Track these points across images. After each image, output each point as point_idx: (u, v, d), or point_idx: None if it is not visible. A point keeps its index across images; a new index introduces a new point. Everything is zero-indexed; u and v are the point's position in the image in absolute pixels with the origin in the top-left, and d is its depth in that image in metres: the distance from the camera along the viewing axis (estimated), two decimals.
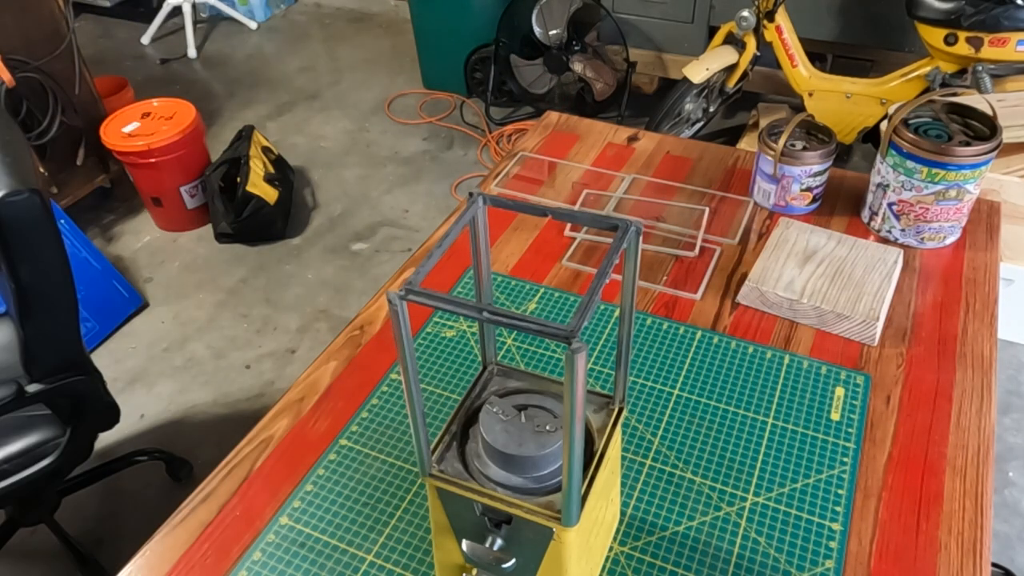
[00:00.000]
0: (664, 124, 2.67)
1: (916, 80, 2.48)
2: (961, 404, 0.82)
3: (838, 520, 0.71)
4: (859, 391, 0.84)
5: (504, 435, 0.56)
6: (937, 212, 0.99)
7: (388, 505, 0.74)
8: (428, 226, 2.67)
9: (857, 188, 1.13)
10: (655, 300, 0.97)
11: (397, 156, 3.04)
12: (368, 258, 2.54)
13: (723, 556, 0.69)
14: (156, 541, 0.73)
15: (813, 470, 0.76)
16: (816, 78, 2.62)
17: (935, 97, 1.04)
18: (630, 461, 0.77)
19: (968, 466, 0.76)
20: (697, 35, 2.96)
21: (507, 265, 1.03)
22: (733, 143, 2.91)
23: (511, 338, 0.92)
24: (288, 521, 0.73)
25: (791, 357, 0.88)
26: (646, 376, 0.86)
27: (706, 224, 1.08)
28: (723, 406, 0.82)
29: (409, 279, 0.48)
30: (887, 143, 1.00)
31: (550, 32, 2.98)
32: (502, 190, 1.19)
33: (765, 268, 0.96)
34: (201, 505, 0.75)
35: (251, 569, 0.69)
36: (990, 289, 0.97)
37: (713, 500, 0.73)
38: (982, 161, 0.96)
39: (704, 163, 1.22)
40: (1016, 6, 2.20)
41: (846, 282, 0.93)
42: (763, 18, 2.53)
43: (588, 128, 1.32)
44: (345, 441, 0.80)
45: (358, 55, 3.67)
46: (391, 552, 0.70)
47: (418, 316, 0.95)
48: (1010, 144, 1.79)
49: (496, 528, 0.57)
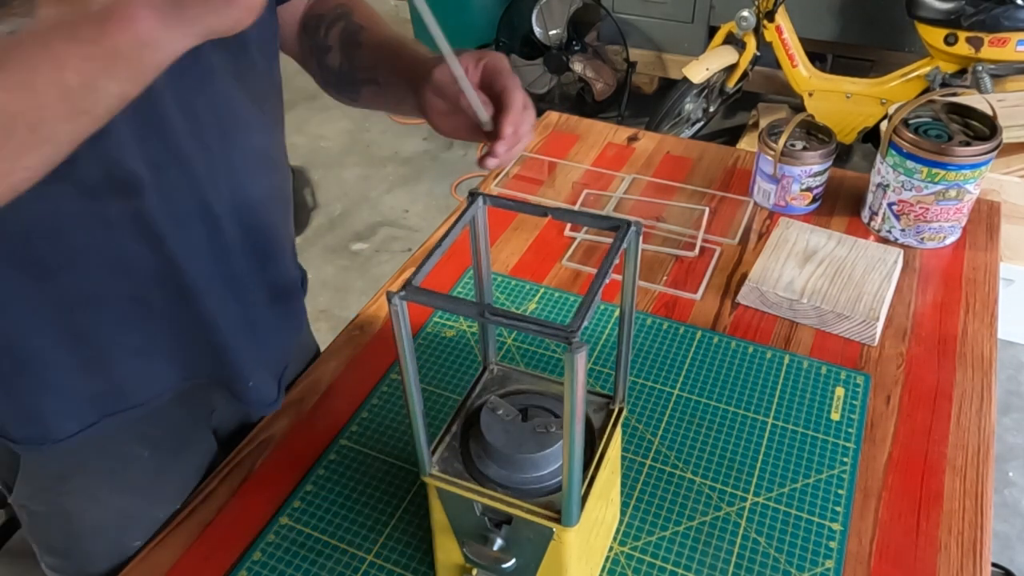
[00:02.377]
0: (664, 124, 2.67)
1: (916, 80, 2.48)
2: (961, 404, 0.82)
3: (838, 520, 0.71)
4: (859, 391, 0.84)
5: (504, 435, 0.56)
6: (937, 212, 0.99)
7: (388, 505, 0.74)
8: (428, 226, 2.67)
9: (857, 188, 1.13)
10: (655, 300, 0.97)
11: (397, 156, 3.05)
12: (368, 258, 2.55)
13: (723, 556, 0.69)
14: (156, 541, 0.73)
15: (813, 470, 0.76)
16: (816, 78, 2.62)
17: (935, 97, 1.04)
18: (630, 461, 0.77)
19: (968, 466, 0.76)
20: (697, 35, 2.96)
21: (507, 265, 1.03)
22: (733, 143, 2.91)
23: (511, 338, 0.92)
24: (288, 521, 0.73)
25: (791, 357, 0.88)
26: (646, 376, 0.86)
27: (706, 224, 1.08)
28: (723, 406, 0.82)
29: (409, 279, 0.48)
30: (887, 143, 1.00)
31: (550, 32, 2.98)
32: (502, 190, 1.19)
33: (765, 268, 0.96)
34: (201, 505, 0.75)
35: (251, 569, 0.69)
36: (990, 289, 0.97)
37: (713, 500, 0.73)
38: (982, 161, 0.96)
39: (704, 163, 1.22)
40: (1016, 6, 2.20)
41: (846, 282, 0.93)
42: (763, 18, 2.53)
43: (588, 128, 1.32)
44: (345, 441, 0.80)
45: None
46: (391, 552, 0.70)
47: (418, 316, 0.95)
48: (1010, 144, 1.79)
49: (496, 528, 0.57)
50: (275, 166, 0.76)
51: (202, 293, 0.68)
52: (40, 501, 0.77)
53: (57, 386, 0.67)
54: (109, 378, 0.69)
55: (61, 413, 0.68)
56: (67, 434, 0.69)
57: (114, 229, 0.60)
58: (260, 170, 0.72)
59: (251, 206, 0.71)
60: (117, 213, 0.60)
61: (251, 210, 0.71)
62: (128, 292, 0.65)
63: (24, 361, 0.64)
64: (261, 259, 0.75)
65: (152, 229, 0.62)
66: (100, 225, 0.60)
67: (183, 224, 0.64)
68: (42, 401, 0.67)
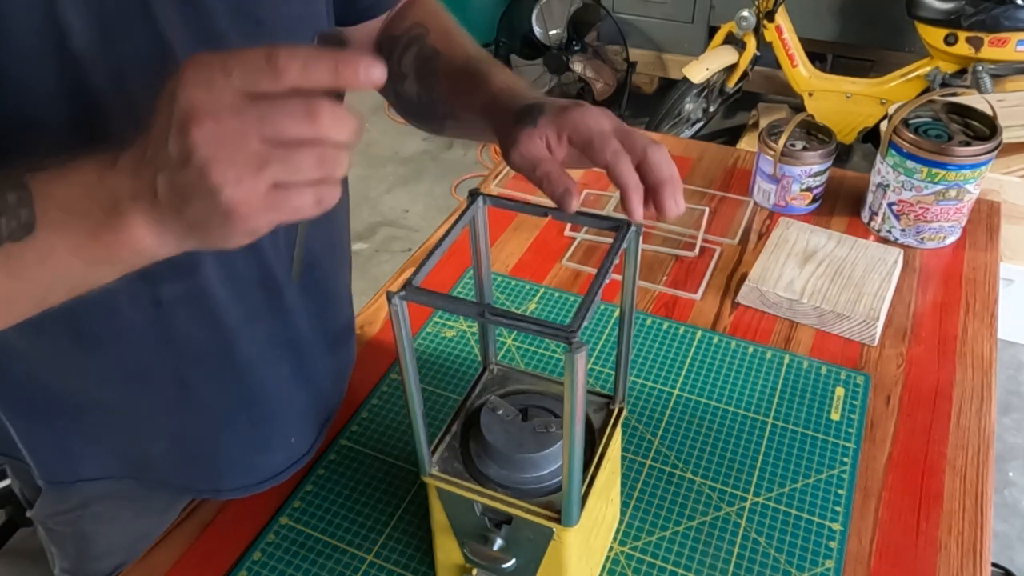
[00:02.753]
0: (664, 124, 2.67)
1: (916, 80, 2.48)
2: (961, 404, 0.82)
3: (838, 520, 0.71)
4: (859, 391, 0.84)
5: (504, 435, 0.56)
6: (937, 212, 0.99)
7: (388, 505, 0.74)
8: (428, 226, 2.67)
9: (857, 188, 1.13)
10: (655, 300, 0.97)
11: (397, 156, 3.05)
12: (368, 258, 2.54)
13: (723, 556, 0.69)
14: (156, 541, 0.73)
15: (813, 470, 0.76)
16: (816, 78, 2.62)
17: (935, 97, 1.04)
18: (630, 461, 0.77)
19: (968, 466, 0.76)
20: (697, 35, 2.96)
21: (507, 265, 1.03)
22: (733, 143, 2.91)
23: (511, 338, 0.92)
24: (288, 521, 0.73)
25: (791, 357, 0.88)
26: (646, 376, 0.86)
27: (706, 224, 1.08)
28: (723, 406, 0.82)
29: (409, 279, 0.48)
30: (887, 143, 1.00)
31: (550, 32, 2.98)
32: (502, 190, 1.19)
33: (765, 268, 0.96)
34: (201, 505, 0.75)
35: (251, 569, 0.69)
36: (990, 289, 0.97)
37: (713, 500, 0.73)
38: (982, 161, 0.96)
39: (704, 163, 1.22)
40: (1016, 6, 2.20)
41: (846, 282, 0.93)
42: (763, 18, 2.53)
43: None
44: (345, 441, 0.80)
45: None
46: (391, 552, 0.70)
47: (418, 316, 0.94)
48: (1010, 144, 1.79)
49: (496, 528, 0.57)
50: (332, 215, 0.74)
51: (255, 363, 0.66)
52: (59, 522, 0.77)
53: (92, 436, 0.67)
54: (142, 451, 0.69)
55: (93, 459, 0.69)
56: (93, 476, 0.70)
57: (164, 308, 0.59)
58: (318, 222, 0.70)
59: (310, 262, 0.68)
60: (169, 293, 0.58)
61: (310, 266, 0.68)
62: (172, 370, 0.63)
63: (65, 408, 0.64)
64: (320, 312, 0.71)
65: (207, 305, 0.60)
66: (151, 304, 0.58)
67: (242, 294, 0.62)
68: (75, 445, 0.67)
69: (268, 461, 0.73)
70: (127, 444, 0.68)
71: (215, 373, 0.65)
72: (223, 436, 0.69)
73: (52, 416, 0.65)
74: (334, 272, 0.74)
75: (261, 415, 0.69)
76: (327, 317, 0.74)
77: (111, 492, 0.74)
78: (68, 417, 0.65)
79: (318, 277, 0.70)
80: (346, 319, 0.80)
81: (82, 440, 0.67)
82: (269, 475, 0.73)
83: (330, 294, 0.74)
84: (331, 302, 0.74)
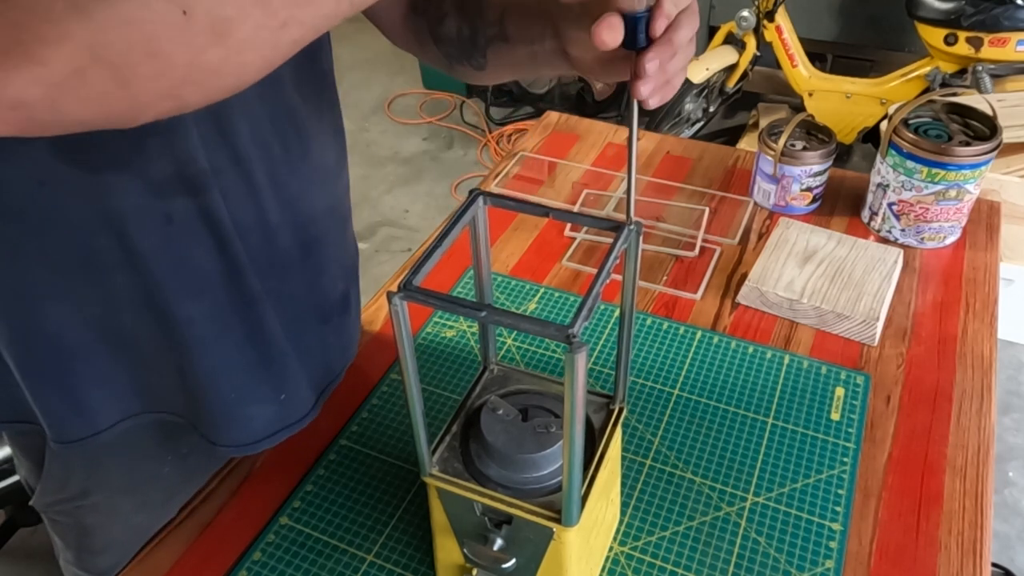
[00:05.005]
0: (664, 124, 2.67)
1: (916, 80, 2.49)
2: (961, 404, 0.82)
3: (838, 520, 0.71)
4: (859, 391, 0.84)
5: (504, 435, 0.56)
6: (937, 212, 0.99)
7: (388, 505, 0.74)
8: (428, 226, 2.67)
9: (857, 188, 1.13)
10: (655, 300, 0.97)
11: (397, 156, 3.05)
12: (368, 258, 2.54)
13: (723, 556, 0.69)
14: (156, 541, 0.73)
15: (813, 470, 0.76)
16: (816, 78, 2.62)
17: (935, 97, 1.04)
18: (630, 461, 0.77)
19: (968, 466, 0.76)
20: (697, 35, 2.96)
21: (507, 265, 1.03)
22: (733, 143, 2.91)
23: (511, 338, 0.92)
24: (288, 521, 0.73)
25: (791, 357, 0.88)
26: (646, 376, 0.86)
27: (706, 224, 1.08)
28: (723, 406, 0.82)
29: (409, 279, 0.48)
30: (887, 143, 1.00)
31: None
32: (502, 190, 1.19)
33: (765, 268, 0.96)
34: (201, 505, 0.75)
35: (251, 569, 0.69)
36: (990, 289, 0.97)
37: (713, 500, 0.73)
38: (982, 161, 0.96)
39: (704, 163, 1.22)
40: (1016, 6, 2.20)
41: (846, 282, 0.93)
42: (763, 18, 2.53)
43: (588, 128, 1.32)
44: (345, 441, 0.80)
45: (358, 55, 3.67)
46: (391, 552, 0.70)
47: (418, 316, 0.94)
48: (1010, 144, 1.79)
49: (496, 528, 0.57)
50: (333, 180, 0.74)
51: (255, 300, 0.66)
52: (60, 512, 0.77)
53: (103, 379, 0.66)
54: (153, 380, 0.68)
55: (108, 402, 0.67)
56: (111, 423, 0.68)
57: (175, 225, 0.58)
58: (317, 183, 0.69)
59: (307, 221, 0.68)
60: (182, 209, 0.58)
61: (306, 225, 0.68)
62: (186, 294, 0.63)
63: (71, 357, 0.64)
64: (314, 275, 0.72)
65: (215, 226, 0.60)
66: (163, 222, 0.58)
67: (241, 232, 0.62)
68: (90, 394, 0.66)
69: (260, 414, 0.72)
70: (137, 376, 0.67)
71: (218, 308, 0.64)
72: (221, 378, 0.69)
73: (63, 369, 0.64)
74: (332, 239, 0.74)
75: (257, 359, 0.69)
76: (323, 282, 0.74)
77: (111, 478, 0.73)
78: (79, 363, 0.64)
79: (315, 237, 0.70)
80: (343, 296, 0.80)
81: (95, 384, 0.66)
82: (263, 434, 0.72)
83: (327, 259, 0.74)
84: (328, 268, 0.74)
